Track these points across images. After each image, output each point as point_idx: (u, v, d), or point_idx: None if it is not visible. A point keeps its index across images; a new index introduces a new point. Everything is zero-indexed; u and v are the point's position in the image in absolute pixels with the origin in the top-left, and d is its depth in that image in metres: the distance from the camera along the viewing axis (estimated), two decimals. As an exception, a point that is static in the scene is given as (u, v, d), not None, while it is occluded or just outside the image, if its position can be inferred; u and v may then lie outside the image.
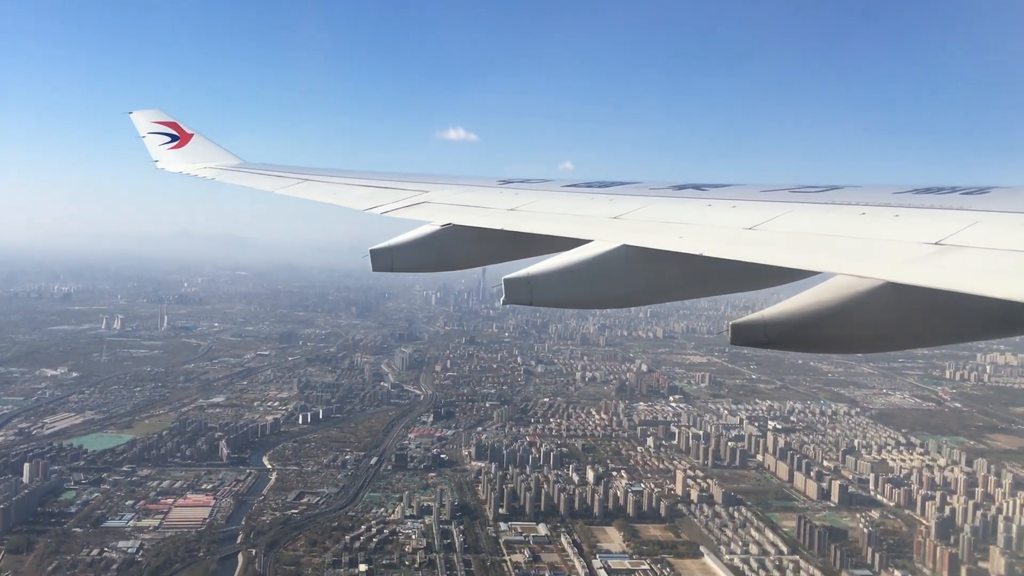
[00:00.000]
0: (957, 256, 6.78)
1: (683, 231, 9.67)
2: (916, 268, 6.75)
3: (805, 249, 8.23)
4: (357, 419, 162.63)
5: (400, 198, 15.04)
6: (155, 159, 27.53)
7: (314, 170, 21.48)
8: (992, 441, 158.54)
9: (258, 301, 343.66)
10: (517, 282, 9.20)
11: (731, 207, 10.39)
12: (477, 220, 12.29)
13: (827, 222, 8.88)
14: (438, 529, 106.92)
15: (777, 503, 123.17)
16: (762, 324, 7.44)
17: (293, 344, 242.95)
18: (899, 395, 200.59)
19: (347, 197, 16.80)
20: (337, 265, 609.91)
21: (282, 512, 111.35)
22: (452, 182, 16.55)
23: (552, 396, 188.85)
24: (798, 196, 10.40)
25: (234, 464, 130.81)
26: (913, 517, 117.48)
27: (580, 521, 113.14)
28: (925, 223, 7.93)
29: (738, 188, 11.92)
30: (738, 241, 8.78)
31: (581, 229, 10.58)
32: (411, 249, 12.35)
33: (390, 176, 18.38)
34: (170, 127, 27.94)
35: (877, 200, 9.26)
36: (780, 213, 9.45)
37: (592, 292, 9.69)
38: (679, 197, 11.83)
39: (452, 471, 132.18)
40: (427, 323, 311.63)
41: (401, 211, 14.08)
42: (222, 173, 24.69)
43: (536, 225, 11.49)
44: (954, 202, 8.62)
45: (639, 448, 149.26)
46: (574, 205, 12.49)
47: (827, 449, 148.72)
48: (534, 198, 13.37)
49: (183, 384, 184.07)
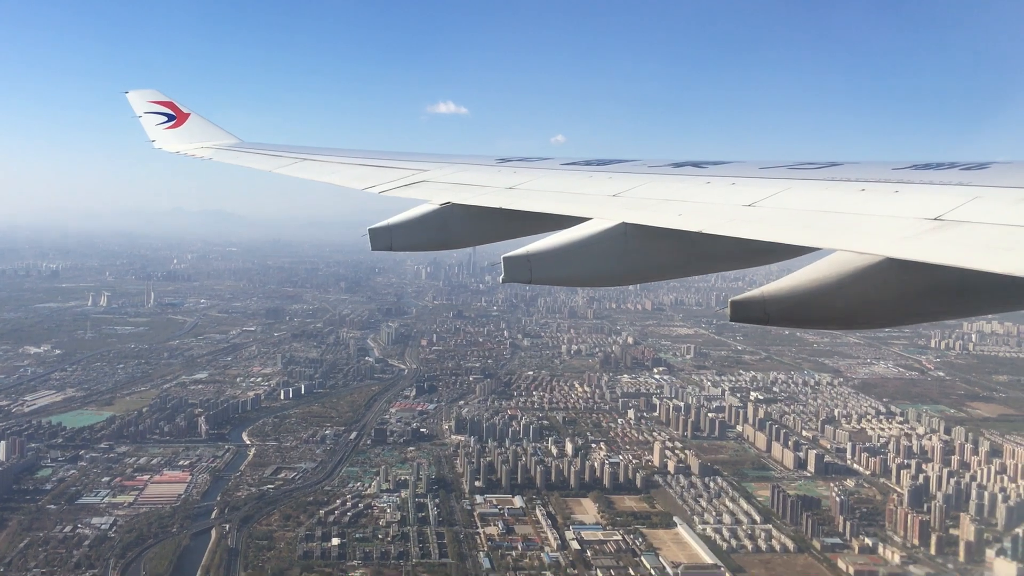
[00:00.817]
0: (957, 231, 6.79)
1: (682, 209, 9.70)
2: (916, 244, 6.77)
3: (804, 226, 8.21)
4: (339, 394, 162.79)
5: (398, 177, 15.04)
6: (152, 139, 27.40)
7: (311, 149, 21.51)
8: (972, 409, 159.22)
9: (247, 277, 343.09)
10: (516, 260, 9.26)
11: (730, 184, 10.37)
12: (476, 199, 12.34)
13: (826, 199, 8.87)
14: (413, 503, 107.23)
15: (753, 473, 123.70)
16: (762, 300, 7.47)
17: (280, 320, 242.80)
18: (883, 364, 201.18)
19: (345, 177, 16.82)
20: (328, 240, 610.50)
21: (258, 487, 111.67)
22: (450, 161, 16.56)
23: (537, 369, 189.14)
24: (797, 173, 10.44)
25: (213, 440, 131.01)
26: (888, 485, 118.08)
27: (556, 493, 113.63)
28: (924, 199, 7.94)
29: (737, 165, 11.97)
30: (737, 218, 8.79)
31: (580, 207, 10.61)
32: (410, 228, 12.32)
33: (387, 155, 18.46)
34: (167, 107, 27.80)
35: (876, 176, 9.27)
36: (779, 190, 9.44)
37: (591, 270, 9.68)
38: (678, 175, 11.84)
39: (431, 445, 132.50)
40: (416, 298, 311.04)
41: (399, 190, 14.09)
42: (219, 153, 24.68)
43: (535, 203, 11.55)
44: (953, 178, 8.66)
45: (620, 420, 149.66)
46: (572, 183, 12.53)
47: (807, 419, 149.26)
48: (532, 176, 13.42)
49: (167, 361, 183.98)
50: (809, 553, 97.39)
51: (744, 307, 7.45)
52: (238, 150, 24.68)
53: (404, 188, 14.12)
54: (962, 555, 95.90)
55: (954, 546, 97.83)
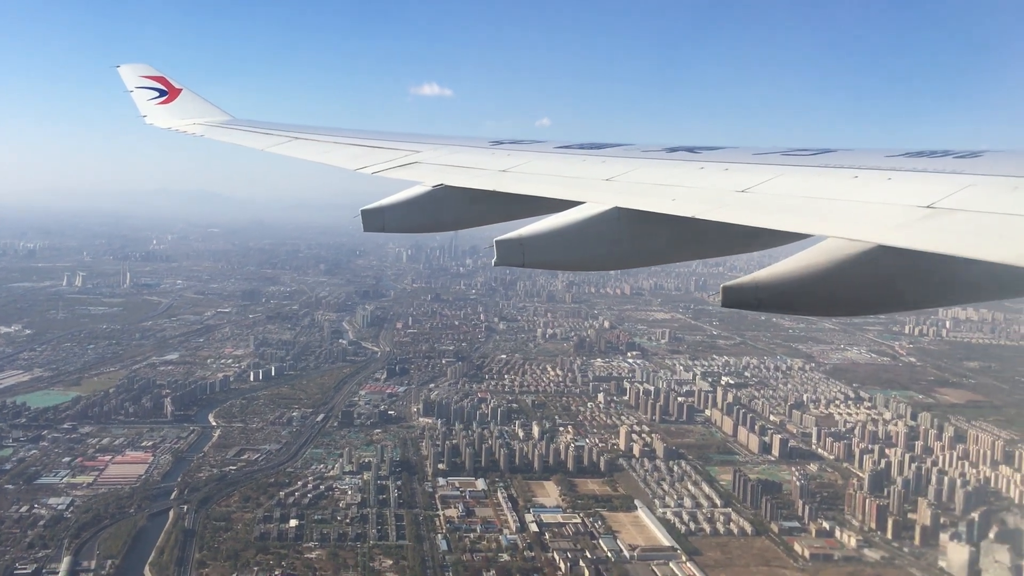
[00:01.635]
0: (949, 219, 6.82)
1: (675, 193, 9.69)
2: (908, 231, 6.80)
3: (797, 212, 8.26)
4: (310, 376, 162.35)
5: (391, 158, 15.03)
6: (143, 114, 27.13)
7: (304, 128, 21.41)
8: (941, 395, 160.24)
9: (226, 258, 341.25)
10: (509, 244, 9.31)
11: (723, 170, 10.35)
12: (469, 181, 12.35)
13: (819, 185, 8.89)
14: (375, 485, 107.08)
15: (718, 457, 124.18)
16: (754, 287, 7.47)
17: (256, 301, 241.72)
18: (856, 350, 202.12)
19: (337, 156, 16.78)
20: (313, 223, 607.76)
21: (220, 469, 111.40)
22: (443, 142, 16.53)
23: (510, 353, 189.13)
24: (791, 159, 10.40)
25: (178, 421, 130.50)
26: (851, 470, 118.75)
27: (519, 476, 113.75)
28: (917, 186, 7.91)
29: (731, 151, 11.92)
30: (730, 204, 8.83)
31: (573, 191, 10.65)
32: (402, 210, 12.38)
33: (380, 135, 18.36)
34: (158, 82, 27.50)
35: (870, 164, 9.28)
36: (772, 176, 9.44)
37: (584, 254, 9.74)
38: (671, 159, 11.83)
39: (398, 427, 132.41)
40: (395, 280, 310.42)
41: (392, 171, 14.07)
42: (211, 130, 24.46)
43: (528, 187, 11.50)
44: (946, 165, 8.65)
45: (589, 404, 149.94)
46: (566, 167, 12.56)
47: (776, 404, 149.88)
48: (526, 159, 13.37)
49: (138, 341, 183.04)
50: (767, 536, 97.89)
51: (736, 293, 7.45)
52: (230, 127, 24.61)
53: (397, 169, 14.14)
54: (918, 539, 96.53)
55: (910, 530, 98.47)
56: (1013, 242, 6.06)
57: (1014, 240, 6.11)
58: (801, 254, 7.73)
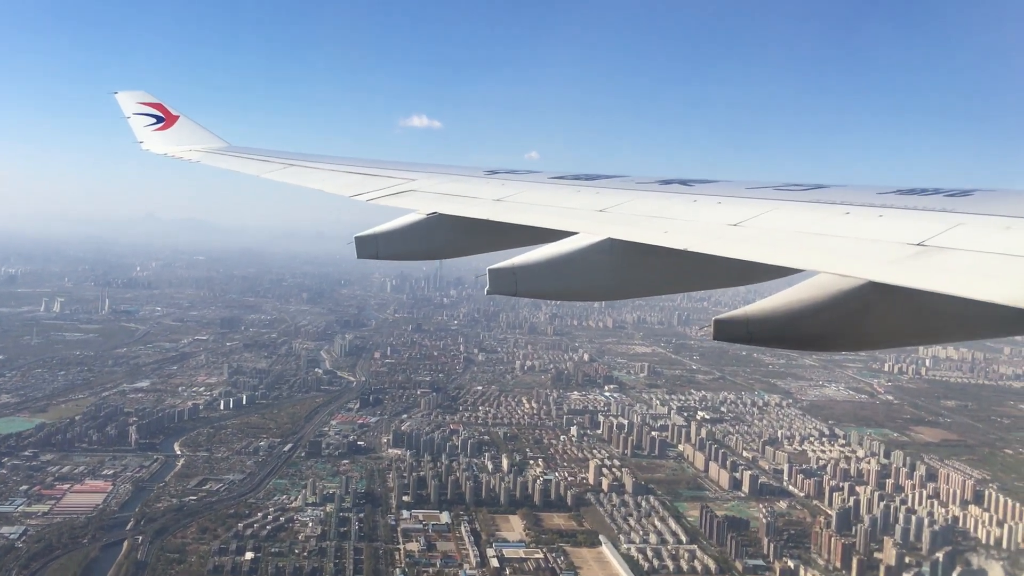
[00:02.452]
0: (939, 257, 6.84)
1: (668, 226, 9.71)
2: (898, 268, 6.84)
3: (789, 247, 8.31)
4: (282, 405, 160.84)
5: (386, 185, 15.07)
6: (140, 140, 27.19)
7: (300, 155, 21.51)
8: (915, 433, 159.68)
9: (209, 286, 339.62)
10: (502, 272, 9.30)
11: (717, 203, 10.40)
12: (463, 210, 12.36)
13: (811, 221, 8.93)
14: (337, 517, 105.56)
15: (688, 493, 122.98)
16: (745, 320, 7.47)
17: (234, 329, 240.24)
18: (834, 387, 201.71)
19: (333, 184, 16.78)
20: (301, 252, 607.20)
21: (180, 499, 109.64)
22: (438, 171, 16.62)
23: (487, 384, 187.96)
24: (783, 194, 10.48)
25: (143, 450, 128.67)
26: (820, 508, 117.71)
27: (484, 509, 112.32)
28: (908, 224, 7.97)
29: (724, 184, 12.04)
30: (723, 237, 8.87)
31: (567, 221, 10.65)
32: (397, 237, 12.41)
33: (376, 163, 18.44)
34: (156, 108, 27.61)
35: (861, 200, 9.32)
36: (765, 210, 9.53)
37: (577, 284, 9.73)
38: (665, 192, 11.94)
39: (367, 459, 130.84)
40: (378, 310, 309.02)
41: (387, 199, 14.10)
42: (208, 156, 24.48)
43: (522, 216, 11.59)
44: (937, 204, 8.69)
45: (562, 437, 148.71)
46: (560, 197, 12.60)
47: (750, 440, 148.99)
48: (520, 189, 13.44)
49: (110, 368, 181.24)
50: (730, 575, 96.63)
51: (728, 326, 7.46)
52: (226, 154, 24.66)
53: (391, 197, 14.17)
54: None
55: (875, 570, 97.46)
56: (1003, 281, 6.06)
57: (1004, 279, 6.11)
58: (792, 289, 7.76)
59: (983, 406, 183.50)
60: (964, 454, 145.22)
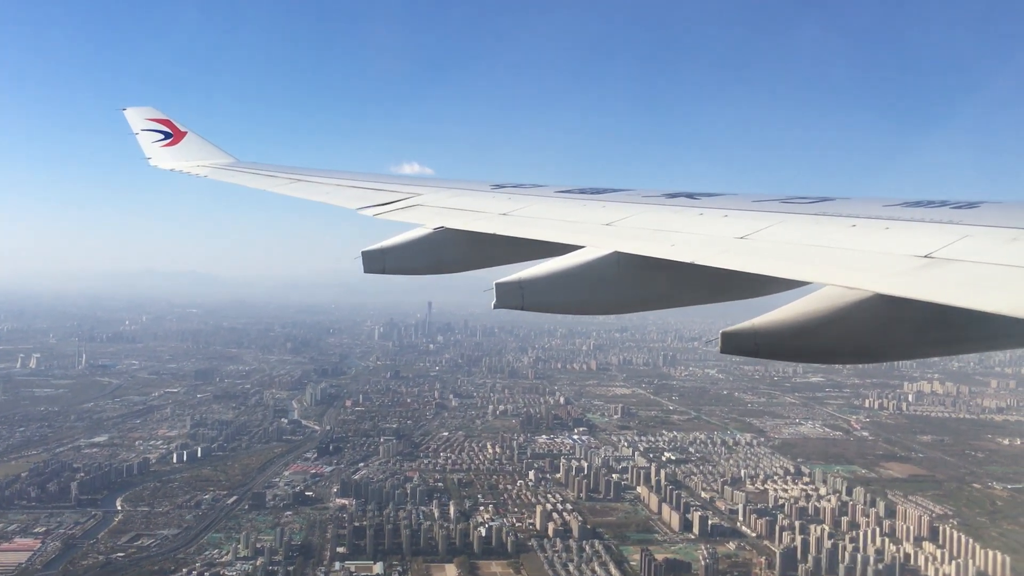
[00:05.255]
0: (946, 269, 6.85)
1: (675, 239, 9.73)
2: (905, 280, 6.83)
3: (796, 259, 8.29)
4: (238, 457, 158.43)
5: (391, 200, 15.13)
6: (148, 156, 27.46)
7: (306, 170, 21.57)
8: (884, 470, 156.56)
9: (194, 338, 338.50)
10: (508, 286, 9.38)
11: (723, 216, 10.43)
12: (470, 224, 12.40)
13: (818, 233, 8.96)
14: (264, 571, 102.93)
15: (636, 536, 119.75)
16: (752, 333, 7.50)
17: (208, 381, 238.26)
18: (810, 424, 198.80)
19: (339, 198, 16.82)
20: (296, 301, 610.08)
21: (107, 556, 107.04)
22: (445, 185, 16.70)
23: (454, 430, 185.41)
24: (789, 207, 10.50)
25: (83, 506, 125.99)
26: (770, 548, 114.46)
27: (421, 558, 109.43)
28: (915, 236, 7.97)
29: (730, 198, 12.03)
30: (730, 250, 8.87)
31: (573, 235, 10.69)
32: (403, 251, 12.48)
33: (382, 178, 18.57)
34: (164, 124, 27.82)
35: (867, 213, 9.35)
36: (771, 223, 9.53)
37: (583, 298, 9.77)
38: (671, 205, 11.96)
39: (312, 509, 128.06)
40: (360, 358, 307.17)
41: (393, 213, 14.21)
42: (215, 172, 24.57)
43: (528, 230, 11.61)
44: (944, 216, 8.68)
45: (519, 482, 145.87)
46: (567, 211, 12.72)
47: (712, 480, 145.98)
48: (526, 203, 13.54)
49: (71, 424, 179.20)
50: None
51: (735, 339, 7.49)
52: (233, 169, 24.74)
53: (398, 211, 14.26)
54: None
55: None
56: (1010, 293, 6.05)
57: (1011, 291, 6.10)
58: (799, 301, 7.79)
59: (959, 440, 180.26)
60: (930, 489, 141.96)
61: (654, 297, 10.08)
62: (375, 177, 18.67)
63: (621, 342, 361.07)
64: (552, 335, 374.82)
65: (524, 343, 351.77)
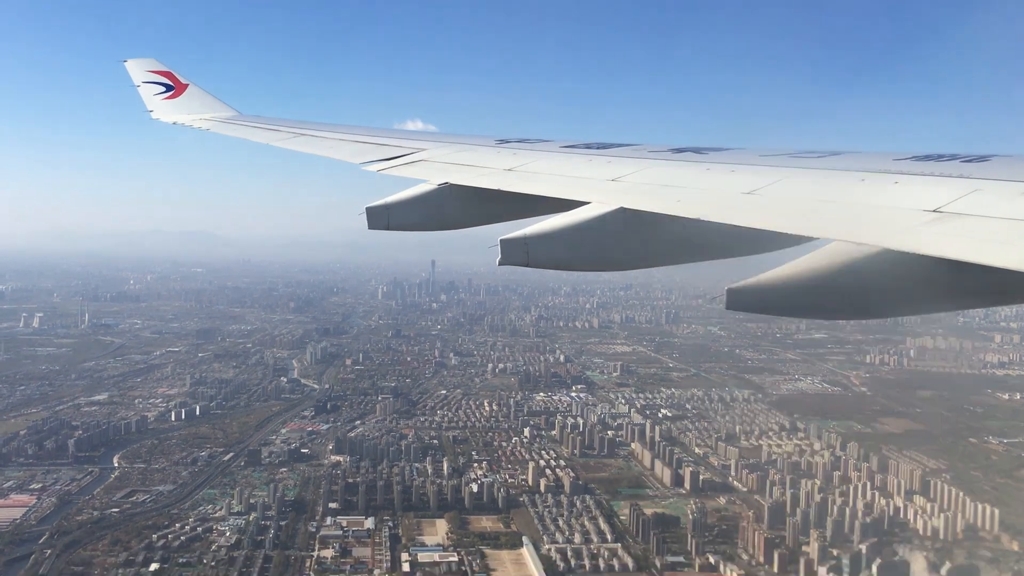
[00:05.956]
0: (955, 224, 6.85)
1: (681, 195, 9.77)
2: (913, 236, 6.81)
3: (803, 215, 8.31)
4: (236, 415, 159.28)
5: (395, 155, 15.09)
6: (149, 109, 27.39)
7: (309, 123, 21.46)
8: (881, 425, 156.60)
9: (198, 298, 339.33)
10: (513, 243, 9.30)
11: (730, 171, 10.41)
12: (474, 180, 12.39)
13: (826, 188, 8.96)
14: (256, 526, 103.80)
15: (627, 491, 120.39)
16: (758, 289, 7.46)
17: (210, 340, 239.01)
18: (809, 380, 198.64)
19: (342, 152, 16.81)
20: (302, 260, 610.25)
21: (102, 511, 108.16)
22: (449, 140, 16.52)
23: (452, 389, 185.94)
24: (797, 161, 10.41)
25: (79, 463, 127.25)
26: (760, 502, 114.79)
27: (412, 514, 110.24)
28: (924, 191, 7.92)
29: (737, 152, 11.92)
30: (736, 206, 8.91)
31: (579, 191, 10.63)
32: (407, 207, 12.37)
33: (386, 132, 18.38)
34: (165, 76, 27.75)
35: (877, 167, 9.28)
36: (779, 178, 9.45)
37: (588, 254, 9.77)
38: (677, 161, 11.83)
39: (306, 466, 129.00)
40: (363, 317, 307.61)
41: (397, 169, 14.15)
42: (217, 125, 24.53)
43: (533, 186, 11.55)
44: (954, 170, 8.63)
45: (514, 439, 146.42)
46: (572, 166, 12.60)
47: (706, 436, 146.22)
48: (531, 158, 13.43)
49: (72, 382, 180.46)
50: (648, 572, 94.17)
51: (740, 295, 7.43)
52: (235, 123, 24.54)
53: (402, 167, 14.18)
54: (802, 572, 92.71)
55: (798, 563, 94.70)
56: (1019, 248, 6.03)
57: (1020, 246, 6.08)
58: (806, 257, 7.71)
59: (958, 395, 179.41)
60: (926, 444, 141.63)
61: (659, 253, 10.06)
62: (379, 132, 18.59)
63: (625, 300, 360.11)
64: (556, 293, 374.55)
65: (528, 301, 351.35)
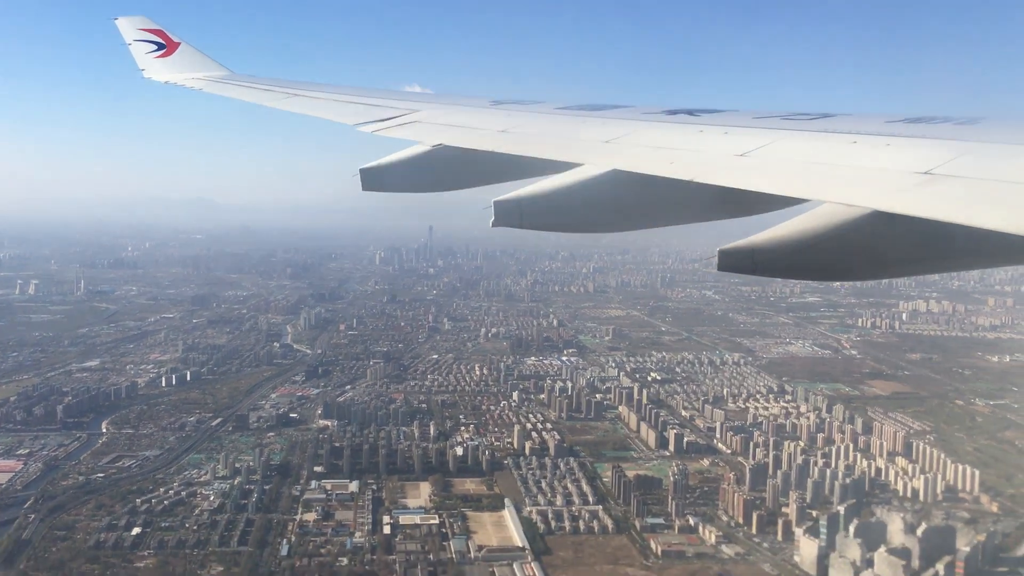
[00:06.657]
0: (945, 185, 6.94)
1: (674, 156, 9.79)
2: (904, 197, 6.92)
3: (795, 176, 8.38)
4: (227, 380, 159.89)
5: (389, 116, 15.03)
6: (141, 68, 27.03)
7: (303, 84, 21.42)
8: (869, 388, 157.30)
9: (195, 264, 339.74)
10: (507, 204, 9.40)
11: (723, 133, 10.46)
12: (468, 141, 12.46)
13: (818, 150, 9.03)
14: (240, 490, 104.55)
15: (612, 453, 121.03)
16: (750, 250, 7.51)
17: (205, 306, 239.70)
18: (800, 344, 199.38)
19: (336, 113, 16.80)
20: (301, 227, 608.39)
21: (87, 476, 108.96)
22: (443, 101, 16.68)
23: (444, 353, 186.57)
24: (790, 124, 10.50)
25: (68, 429, 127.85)
26: (743, 464, 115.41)
27: (396, 477, 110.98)
28: (915, 152, 7.99)
29: (730, 114, 12.04)
30: (729, 167, 8.97)
31: (572, 153, 10.68)
32: (401, 168, 12.40)
33: (380, 93, 18.37)
34: (156, 35, 27.36)
35: (869, 129, 9.34)
36: (771, 140, 9.53)
37: (582, 216, 9.87)
38: (671, 122, 11.93)
39: (294, 431, 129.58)
40: (359, 283, 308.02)
41: (391, 130, 14.11)
42: (210, 84, 24.26)
43: (527, 148, 11.60)
44: (945, 132, 8.73)
45: (503, 403, 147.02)
46: (566, 128, 12.81)
47: (694, 399, 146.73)
48: (525, 120, 13.59)
49: (65, 349, 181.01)
50: (627, 534, 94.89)
51: (732, 256, 7.47)
52: (228, 82, 24.30)
53: (395, 128, 14.13)
54: (780, 534, 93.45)
55: (775, 524, 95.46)
56: (1009, 209, 6.12)
57: (1010, 207, 6.18)
58: (798, 218, 7.77)
59: (948, 358, 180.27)
60: (912, 406, 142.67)
61: (653, 215, 10.10)
62: (373, 92, 18.47)
63: (622, 264, 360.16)
64: (553, 258, 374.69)
65: (524, 266, 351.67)
